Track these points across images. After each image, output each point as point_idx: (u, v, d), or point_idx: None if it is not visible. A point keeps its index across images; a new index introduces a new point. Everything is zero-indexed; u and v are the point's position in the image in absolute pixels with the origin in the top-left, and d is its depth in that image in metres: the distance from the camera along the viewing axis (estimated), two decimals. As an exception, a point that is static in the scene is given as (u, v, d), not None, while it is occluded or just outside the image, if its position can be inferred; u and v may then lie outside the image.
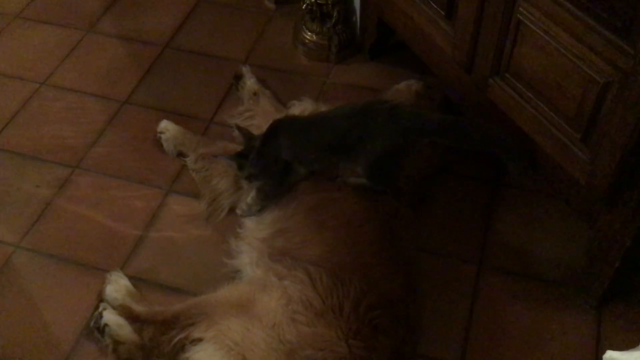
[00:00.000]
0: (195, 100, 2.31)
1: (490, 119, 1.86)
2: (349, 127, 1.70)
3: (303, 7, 2.40)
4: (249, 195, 1.88)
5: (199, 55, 2.47)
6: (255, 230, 1.83)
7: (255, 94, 2.26)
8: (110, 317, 1.68)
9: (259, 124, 2.10)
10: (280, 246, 1.73)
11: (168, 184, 2.06)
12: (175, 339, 1.59)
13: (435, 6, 1.92)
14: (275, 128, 1.78)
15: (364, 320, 1.51)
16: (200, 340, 1.56)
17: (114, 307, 1.71)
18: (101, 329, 1.67)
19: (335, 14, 2.37)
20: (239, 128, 1.90)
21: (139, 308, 1.69)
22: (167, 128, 2.14)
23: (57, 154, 2.14)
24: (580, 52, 1.45)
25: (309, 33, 2.43)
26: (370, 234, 1.69)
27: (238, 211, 1.92)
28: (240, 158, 1.82)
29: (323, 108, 2.01)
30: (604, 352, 1.26)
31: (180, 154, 2.11)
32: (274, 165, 1.79)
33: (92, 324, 1.70)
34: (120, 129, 2.22)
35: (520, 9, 1.57)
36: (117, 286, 1.75)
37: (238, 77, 2.33)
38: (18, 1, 2.68)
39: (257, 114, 2.20)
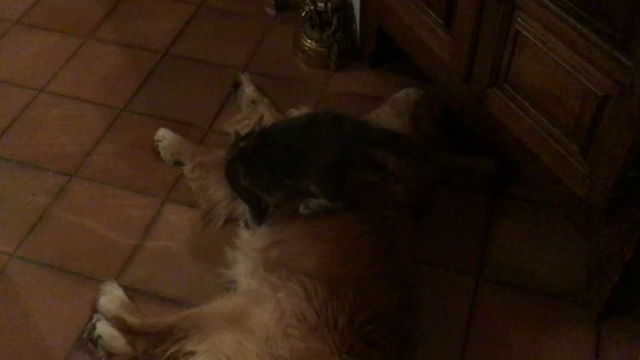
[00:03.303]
0: (194, 107, 2.30)
1: (488, 129, 1.85)
2: (294, 142, 1.65)
3: (303, 15, 2.39)
4: (246, 215, 1.88)
5: (198, 63, 2.46)
6: (251, 240, 1.82)
7: (253, 101, 2.25)
8: (103, 328, 1.68)
9: (257, 133, 2.08)
10: (275, 257, 1.71)
11: (164, 193, 2.04)
12: (169, 352, 1.58)
13: (434, 15, 1.90)
14: (233, 157, 1.74)
15: (358, 334, 1.49)
16: (193, 353, 1.54)
17: (107, 318, 1.70)
18: (94, 341, 1.67)
19: (334, 21, 2.36)
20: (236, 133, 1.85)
21: (132, 319, 1.67)
22: (164, 136, 2.13)
23: (54, 162, 2.13)
24: (578, 64, 1.44)
25: (309, 40, 2.42)
26: (367, 247, 1.67)
27: (241, 224, 1.90)
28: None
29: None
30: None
31: (177, 163, 2.10)
32: (244, 193, 1.78)
33: (85, 335, 1.70)
34: (118, 136, 2.21)
35: (519, 19, 1.56)
36: (111, 297, 1.74)
37: (237, 85, 2.32)
38: (17, 7, 2.67)
39: (255, 122, 2.18)
